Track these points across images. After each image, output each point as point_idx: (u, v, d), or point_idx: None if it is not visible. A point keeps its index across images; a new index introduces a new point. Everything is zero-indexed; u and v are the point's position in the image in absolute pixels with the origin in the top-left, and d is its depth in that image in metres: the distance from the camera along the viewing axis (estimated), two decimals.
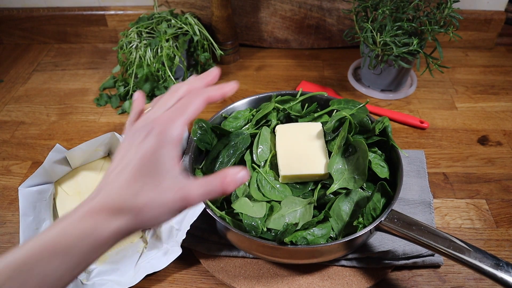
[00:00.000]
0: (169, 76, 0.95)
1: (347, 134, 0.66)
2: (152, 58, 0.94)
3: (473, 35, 1.14)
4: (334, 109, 0.76)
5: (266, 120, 0.76)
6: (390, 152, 0.70)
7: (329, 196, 0.64)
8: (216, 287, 0.66)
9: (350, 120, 0.66)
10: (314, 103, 0.79)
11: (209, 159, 0.71)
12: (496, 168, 0.83)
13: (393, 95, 1.00)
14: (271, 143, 0.71)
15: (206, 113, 0.97)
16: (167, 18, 0.99)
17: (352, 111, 0.72)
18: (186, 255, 0.68)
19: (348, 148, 0.66)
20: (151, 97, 0.96)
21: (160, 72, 0.95)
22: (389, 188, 0.65)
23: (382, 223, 0.59)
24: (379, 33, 0.87)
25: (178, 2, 1.11)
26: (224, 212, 0.65)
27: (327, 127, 0.69)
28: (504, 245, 0.70)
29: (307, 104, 0.80)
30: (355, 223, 0.61)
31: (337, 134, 0.67)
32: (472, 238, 0.71)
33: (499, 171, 0.82)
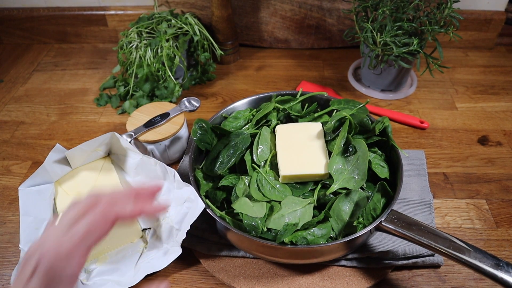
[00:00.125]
0: (169, 76, 0.95)
1: (347, 134, 0.66)
2: (152, 58, 0.94)
3: (473, 35, 1.14)
4: (334, 109, 0.76)
5: (266, 120, 0.76)
6: (390, 152, 0.70)
7: (329, 196, 0.64)
8: (216, 287, 0.66)
9: (350, 120, 0.66)
10: (314, 103, 0.79)
11: (209, 159, 0.71)
12: (496, 168, 0.83)
13: (393, 95, 1.00)
14: (271, 143, 0.71)
15: (206, 113, 0.97)
16: (167, 18, 0.99)
17: (352, 111, 0.72)
18: (186, 255, 0.68)
19: (348, 148, 0.66)
20: (151, 97, 0.96)
21: (160, 72, 0.95)
22: (389, 188, 0.65)
23: (382, 223, 0.59)
24: (379, 33, 0.87)
25: (178, 2, 1.11)
26: (224, 212, 0.65)
27: (327, 127, 0.69)
28: (504, 245, 0.70)
29: (307, 104, 0.80)
30: (355, 223, 0.61)
31: (337, 134, 0.67)
32: (472, 238, 0.71)
33: (499, 171, 0.82)
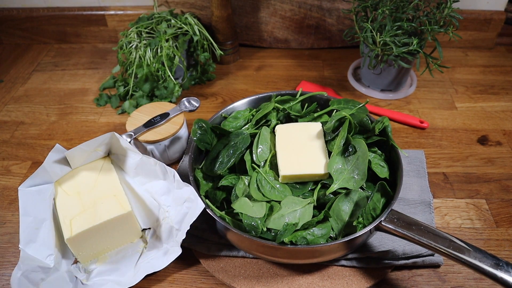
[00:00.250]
0: (169, 76, 0.95)
1: (347, 134, 0.66)
2: (152, 58, 0.94)
3: (473, 35, 1.14)
4: (334, 109, 0.76)
5: (266, 120, 0.76)
6: (390, 152, 0.70)
7: (329, 196, 0.64)
8: (216, 287, 0.66)
9: (350, 120, 0.66)
10: (314, 103, 0.79)
11: (209, 159, 0.71)
12: (496, 168, 0.83)
13: (393, 95, 1.00)
14: (271, 143, 0.71)
15: (206, 113, 0.97)
16: (167, 18, 0.99)
17: (352, 111, 0.72)
18: (186, 255, 0.68)
19: (348, 148, 0.66)
20: (151, 97, 0.96)
21: (160, 72, 0.95)
22: (389, 188, 0.65)
23: (382, 223, 0.59)
24: (379, 33, 0.87)
25: (178, 2, 1.11)
26: (224, 212, 0.65)
27: (327, 127, 0.69)
28: (504, 245, 0.70)
29: (307, 104, 0.80)
30: (355, 223, 0.61)
31: (337, 134, 0.67)
32: (472, 238, 0.71)
33: (499, 171, 0.82)
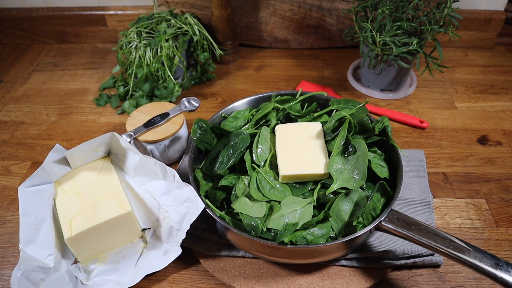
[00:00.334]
0: (169, 76, 0.95)
1: (346, 133, 0.66)
2: (151, 58, 0.94)
3: (472, 34, 1.14)
4: (333, 109, 0.76)
5: (266, 120, 0.76)
6: (390, 151, 0.70)
7: (329, 196, 0.64)
8: (216, 287, 0.66)
9: (349, 120, 0.66)
10: (313, 103, 0.79)
11: (209, 159, 0.71)
12: (496, 167, 0.83)
13: (392, 94, 1.00)
14: (270, 143, 0.71)
15: (206, 113, 0.97)
16: (166, 18, 0.99)
17: (351, 110, 0.72)
18: (186, 255, 0.68)
19: (348, 148, 0.66)
20: (151, 97, 0.96)
21: (160, 72, 0.95)
22: (389, 188, 0.65)
23: (382, 223, 0.59)
24: (378, 33, 0.87)
25: (177, 2, 1.11)
26: (224, 212, 0.65)
27: (326, 127, 0.69)
28: (504, 245, 0.70)
29: (306, 104, 0.80)
30: (354, 223, 0.61)
31: (337, 134, 0.67)
32: (472, 237, 0.71)
33: (498, 170, 0.82)
